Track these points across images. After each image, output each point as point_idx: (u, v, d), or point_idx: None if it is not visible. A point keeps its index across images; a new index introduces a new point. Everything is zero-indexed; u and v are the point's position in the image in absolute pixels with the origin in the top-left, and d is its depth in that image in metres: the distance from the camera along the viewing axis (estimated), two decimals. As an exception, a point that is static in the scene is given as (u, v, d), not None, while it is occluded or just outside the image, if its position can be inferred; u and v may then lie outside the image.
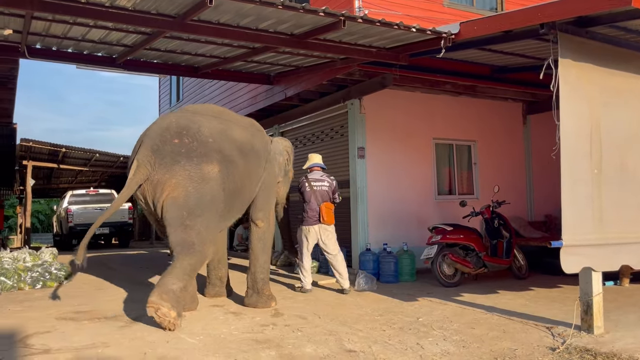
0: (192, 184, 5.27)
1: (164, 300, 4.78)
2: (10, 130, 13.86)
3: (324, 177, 7.26)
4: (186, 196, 5.24)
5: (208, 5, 5.18)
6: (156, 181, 5.29)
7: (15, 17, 6.04)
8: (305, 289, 7.12)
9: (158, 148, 5.32)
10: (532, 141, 10.46)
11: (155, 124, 5.71)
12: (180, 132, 5.43)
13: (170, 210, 5.25)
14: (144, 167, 5.28)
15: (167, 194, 5.27)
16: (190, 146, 5.36)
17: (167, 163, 5.27)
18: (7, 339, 4.64)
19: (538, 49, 6.61)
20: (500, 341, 4.63)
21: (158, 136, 5.42)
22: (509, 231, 7.93)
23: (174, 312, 4.77)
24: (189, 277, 5.23)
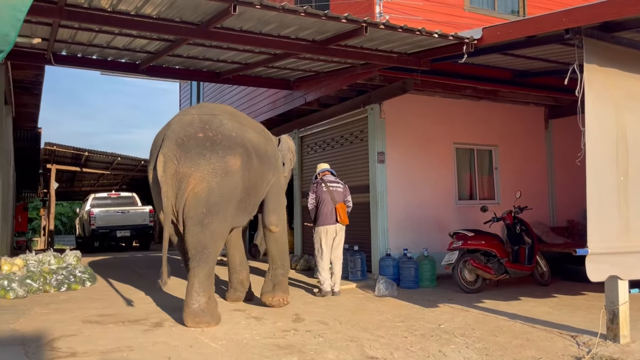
0: (216, 178, 5.39)
1: (198, 323, 5.23)
2: (35, 134, 14.17)
3: (337, 180, 7.53)
4: (209, 191, 5.37)
5: (232, 13, 5.25)
6: (182, 175, 5.35)
7: (42, 26, 6.18)
8: (325, 290, 7.17)
9: (183, 142, 5.38)
10: (554, 146, 10.33)
11: (177, 119, 5.74)
12: (204, 127, 5.52)
13: (192, 205, 5.38)
14: (171, 162, 5.33)
15: (192, 187, 5.36)
16: (214, 139, 5.46)
17: (192, 156, 5.34)
18: (35, 342, 4.73)
19: (561, 54, 6.54)
20: (524, 349, 4.58)
21: (182, 131, 5.47)
22: (531, 237, 7.84)
23: (212, 324, 5.29)
24: (208, 285, 5.40)
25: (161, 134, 5.73)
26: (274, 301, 6.31)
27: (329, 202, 7.24)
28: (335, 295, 7.19)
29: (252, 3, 5.24)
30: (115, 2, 5.38)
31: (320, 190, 7.32)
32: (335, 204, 7.23)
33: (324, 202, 7.25)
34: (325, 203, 7.25)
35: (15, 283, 7.04)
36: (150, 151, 5.89)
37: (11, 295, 6.90)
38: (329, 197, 7.25)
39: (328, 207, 7.23)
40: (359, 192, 9.09)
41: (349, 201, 7.45)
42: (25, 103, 10.70)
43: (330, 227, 7.23)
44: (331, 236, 7.26)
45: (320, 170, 7.61)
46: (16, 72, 8.44)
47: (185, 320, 5.24)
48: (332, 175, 7.57)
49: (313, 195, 7.38)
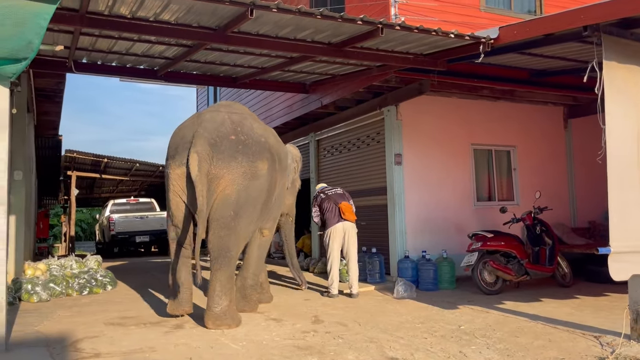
0: (245, 182, 5.44)
1: (219, 325, 5.28)
2: (56, 142, 14.42)
3: (335, 187, 7.73)
4: (238, 194, 5.42)
5: (249, 17, 5.30)
6: (212, 176, 5.36)
7: (64, 34, 6.30)
8: (332, 294, 7.17)
9: (215, 143, 5.39)
10: (574, 145, 10.21)
11: (209, 117, 5.66)
12: (236, 129, 5.56)
13: (221, 207, 5.40)
14: (205, 161, 5.30)
15: (222, 189, 5.38)
16: (246, 143, 5.52)
17: (224, 158, 5.37)
18: (59, 343, 4.82)
19: (579, 52, 6.48)
20: (546, 350, 4.53)
21: (215, 131, 5.47)
22: (551, 238, 7.75)
23: (233, 326, 5.33)
24: (229, 288, 5.42)
25: (189, 128, 5.63)
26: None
27: (331, 205, 7.34)
28: (353, 297, 7.16)
29: (269, 7, 5.29)
30: (135, 9, 5.47)
31: (320, 200, 7.48)
32: (337, 204, 7.31)
33: (326, 208, 7.37)
34: (328, 207, 7.36)
35: (39, 287, 7.18)
36: (171, 145, 5.77)
37: (35, 298, 7.03)
38: (329, 202, 7.36)
39: (331, 210, 7.33)
40: (376, 194, 9.08)
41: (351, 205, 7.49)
42: (47, 111, 10.89)
43: (337, 226, 7.25)
44: (339, 235, 7.26)
45: (319, 189, 7.78)
46: (38, 80, 8.59)
47: (206, 322, 5.28)
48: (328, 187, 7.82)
49: (316, 208, 7.56)
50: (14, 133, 5.20)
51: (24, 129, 8.22)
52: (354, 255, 7.33)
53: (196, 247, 5.48)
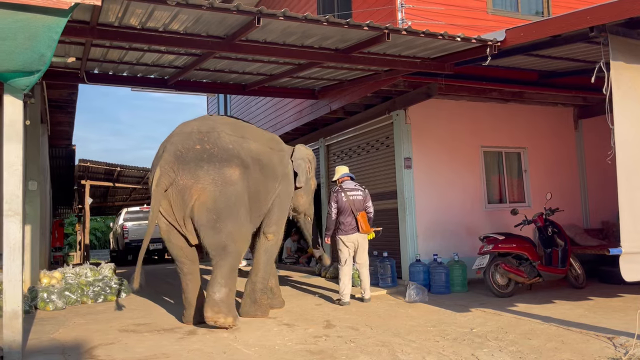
0: (218, 188, 5.53)
1: (216, 312, 5.31)
2: (70, 151, 14.61)
3: (357, 187, 7.29)
4: (214, 200, 5.51)
5: (256, 26, 5.37)
6: (182, 186, 5.51)
7: (75, 45, 6.42)
8: (343, 301, 7.03)
9: (181, 154, 5.56)
10: (585, 146, 10.15)
11: (178, 131, 5.90)
12: (202, 139, 5.69)
13: (201, 214, 5.52)
14: (166, 175, 5.49)
15: (196, 197, 5.51)
16: (211, 151, 5.62)
17: (190, 168, 5.51)
18: (75, 350, 4.89)
19: (587, 52, 6.46)
20: (559, 352, 4.51)
21: (180, 143, 5.65)
22: (563, 239, 7.70)
23: (230, 319, 5.38)
24: (230, 279, 5.54)
25: (162, 145, 5.89)
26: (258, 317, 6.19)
27: (350, 213, 7.08)
28: (365, 302, 7.14)
29: (276, 15, 5.35)
30: (144, 20, 5.56)
31: (340, 201, 7.13)
32: (357, 214, 7.07)
33: (344, 211, 7.10)
34: (345, 213, 7.09)
35: (54, 295, 7.28)
36: (152, 163, 6.04)
37: (51, 307, 7.13)
38: (349, 207, 7.08)
39: (348, 217, 7.09)
40: (386, 199, 9.09)
41: (370, 207, 7.23)
42: (60, 121, 11.06)
43: (351, 236, 7.10)
44: (352, 244, 7.13)
45: (340, 176, 7.45)
46: (51, 91, 8.75)
47: (205, 311, 5.35)
48: (351, 181, 7.37)
49: (334, 204, 7.17)
50: (28, 144, 5.31)
51: (38, 139, 8.36)
52: (366, 261, 7.24)
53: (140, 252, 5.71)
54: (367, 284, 7.23)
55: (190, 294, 5.96)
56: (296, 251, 12.92)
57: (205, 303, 5.40)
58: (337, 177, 7.51)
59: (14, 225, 4.56)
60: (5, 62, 4.28)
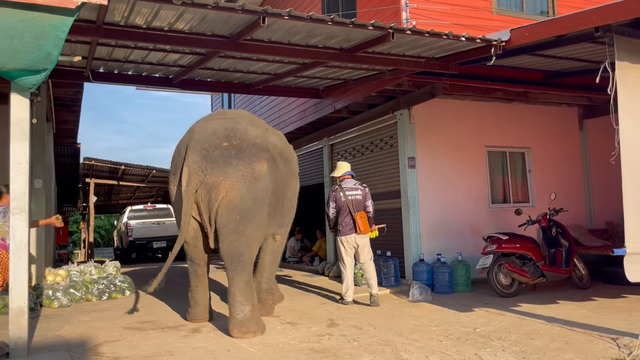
0: (246, 184, 5.41)
1: (244, 332, 5.20)
2: (75, 150, 14.68)
3: (357, 186, 7.14)
4: (241, 198, 5.38)
5: (261, 25, 5.38)
6: (210, 184, 5.36)
7: (81, 44, 6.45)
8: (346, 301, 6.95)
9: (207, 153, 5.41)
10: (589, 146, 10.13)
11: (200, 129, 5.71)
12: (228, 135, 5.56)
13: (225, 213, 5.38)
14: (196, 174, 5.34)
15: (223, 196, 5.38)
16: (239, 147, 5.50)
17: (219, 166, 5.37)
18: (80, 347, 4.92)
19: (593, 52, 6.45)
20: (563, 352, 4.51)
21: (206, 141, 5.48)
22: (567, 239, 7.70)
23: (259, 334, 5.26)
24: (249, 293, 5.36)
25: (183, 143, 5.72)
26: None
27: (348, 213, 6.97)
28: (373, 299, 6.88)
29: (281, 14, 5.37)
30: (150, 19, 5.59)
31: (339, 200, 7.02)
32: (354, 214, 6.94)
33: (342, 211, 7.00)
34: (344, 212, 6.99)
35: (59, 292, 7.32)
36: (172, 161, 5.91)
37: (56, 304, 7.16)
38: (347, 207, 6.97)
39: (347, 217, 6.98)
40: (390, 198, 9.10)
41: (369, 206, 7.07)
42: (65, 120, 11.11)
43: (349, 237, 6.98)
44: (351, 245, 7.01)
45: (342, 174, 7.30)
46: (56, 90, 8.79)
47: (231, 331, 5.19)
48: (352, 180, 7.23)
49: (333, 203, 7.08)
50: (34, 142, 5.33)
51: (43, 137, 8.41)
52: (369, 260, 7.07)
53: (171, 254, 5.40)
54: (374, 282, 7.00)
55: (199, 294, 5.90)
56: (299, 250, 12.94)
57: (230, 324, 5.24)
58: (338, 174, 7.36)
59: (20, 223, 4.60)
60: (12, 61, 4.31)
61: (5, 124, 4.84)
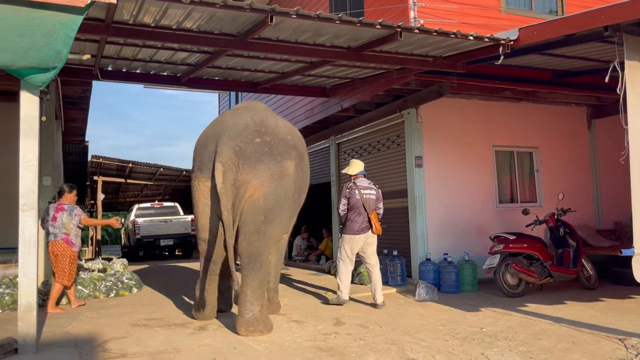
0: (273, 183, 5.34)
1: (251, 331, 5.17)
2: (83, 147, 14.77)
3: (371, 186, 7.04)
4: (266, 197, 5.32)
5: (269, 24, 5.39)
6: (240, 182, 5.26)
7: (90, 43, 6.49)
8: (342, 299, 6.81)
9: (240, 149, 5.28)
10: (598, 146, 10.07)
11: (232, 123, 5.52)
12: (260, 130, 5.44)
13: (250, 212, 5.31)
14: (231, 171, 5.21)
15: (250, 194, 5.29)
16: (272, 143, 5.41)
17: (251, 163, 5.26)
18: (87, 344, 4.96)
19: (602, 52, 6.41)
20: (570, 353, 4.50)
21: (238, 136, 5.34)
22: (575, 240, 7.66)
23: (266, 333, 5.22)
24: (261, 293, 5.36)
25: (211, 138, 5.55)
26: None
27: (363, 211, 6.82)
28: (378, 307, 6.66)
29: (288, 13, 5.37)
30: (158, 18, 5.61)
31: (354, 198, 6.85)
32: (370, 213, 6.83)
33: (357, 209, 6.82)
34: (358, 211, 6.82)
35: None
36: (197, 156, 5.69)
37: (64, 300, 7.21)
38: (362, 206, 6.82)
39: (361, 215, 6.81)
40: (396, 197, 9.09)
41: (380, 207, 7.03)
42: (74, 118, 11.17)
43: (360, 236, 6.82)
44: (357, 246, 6.84)
45: (357, 172, 7.12)
46: (65, 88, 8.83)
47: (238, 329, 5.19)
48: (365, 179, 7.11)
49: (345, 200, 6.91)
50: (43, 140, 5.36)
51: (52, 135, 8.45)
52: (376, 263, 6.93)
53: (229, 257, 5.27)
54: (379, 287, 6.84)
55: (210, 294, 5.82)
56: (306, 249, 12.96)
57: (238, 322, 5.21)
58: (353, 172, 7.13)
59: (29, 220, 4.63)
60: (22, 59, 4.35)
61: (15, 121, 4.87)
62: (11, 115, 6.02)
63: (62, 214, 6.74)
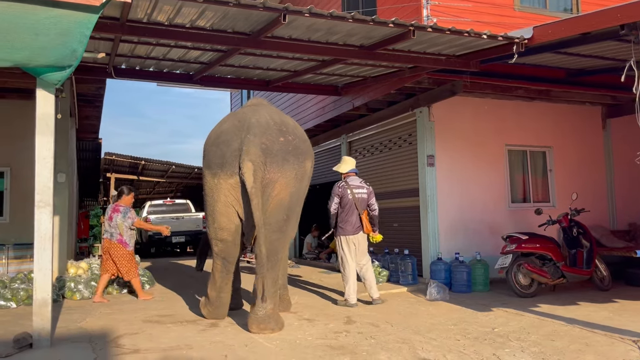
0: (297, 183, 5.41)
1: (262, 329, 5.17)
2: (96, 145, 14.89)
3: (362, 184, 6.88)
4: (290, 197, 5.38)
5: (282, 22, 5.40)
6: (267, 181, 5.25)
7: (104, 41, 6.54)
8: (350, 303, 6.63)
9: (267, 147, 5.25)
10: (613, 146, 9.96)
11: (253, 122, 5.42)
12: (281, 130, 5.44)
13: (275, 212, 5.33)
14: (259, 169, 5.17)
15: (276, 193, 5.30)
16: (294, 143, 5.46)
17: (278, 162, 5.27)
18: (101, 339, 5.01)
19: (618, 50, 6.34)
20: (583, 354, 4.46)
21: (263, 135, 5.29)
22: (589, 240, 7.58)
23: (277, 330, 5.22)
24: (274, 290, 5.39)
25: (233, 134, 5.43)
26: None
27: (354, 211, 6.70)
28: (375, 303, 6.69)
29: (301, 11, 5.38)
30: (172, 16, 5.64)
31: (346, 197, 6.71)
32: (361, 212, 6.72)
33: (349, 209, 6.70)
34: (350, 211, 6.70)
35: (81, 285, 7.45)
36: (214, 152, 5.52)
37: (78, 296, 7.30)
38: (354, 206, 6.70)
39: (353, 215, 6.70)
40: (408, 196, 9.07)
41: (373, 204, 6.82)
42: (88, 115, 11.26)
43: (352, 237, 6.72)
44: (353, 245, 6.74)
45: (349, 170, 6.97)
46: (79, 85, 8.91)
47: (250, 326, 5.19)
48: (356, 178, 6.95)
49: (337, 199, 6.74)
50: (57, 137, 5.41)
51: (67, 132, 8.55)
52: (367, 263, 6.84)
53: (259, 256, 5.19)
54: (373, 284, 6.81)
55: (226, 294, 5.78)
56: (316, 247, 12.97)
57: (250, 319, 5.22)
58: (344, 170, 7.00)
59: (45, 216, 4.69)
60: (39, 57, 4.40)
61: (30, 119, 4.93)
62: (27, 113, 6.10)
63: (117, 215, 7.23)
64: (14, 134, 8.51)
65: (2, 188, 8.57)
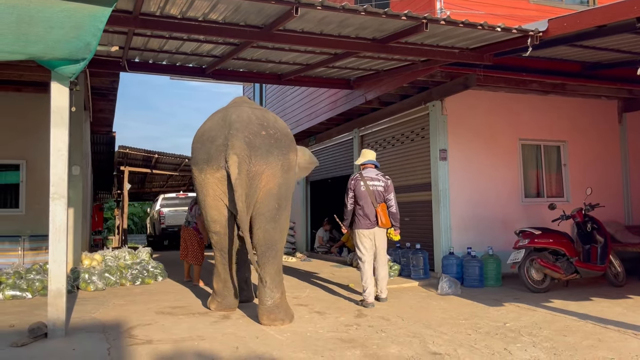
0: (283, 174, 5.52)
1: (273, 320, 5.27)
2: (110, 138, 15.00)
3: (379, 177, 6.55)
4: (279, 187, 5.49)
5: (294, 15, 5.39)
6: (253, 173, 5.36)
7: (118, 34, 6.58)
8: (367, 302, 6.28)
9: (250, 141, 5.39)
10: (629, 140, 9.82)
11: (236, 116, 5.53)
12: (262, 124, 5.58)
13: (266, 201, 5.44)
14: (244, 162, 5.30)
15: (264, 184, 5.42)
16: (276, 137, 5.57)
17: (262, 154, 5.38)
18: (114, 330, 5.08)
19: (635, 43, 6.25)
20: (596, 350, 4.43)
21: (245, 129, 5.42)
22: (603, 236, 7.50)
23: (287, 322, 5.32)
24: (279, 280, 5.48)
25: (217, 130, 5.54)
26: None
27: (369, 204, 6.39)
28: (381, 301, 6.50)
29: (313, 4, 5.36)
30: (185, 9, 5.66)
31: (358, 189, 6.45)
32: (376, 206, 6.40)
33: (363, 202, 6.40)
34: (364, 204, 6.40)
35: (95, 276, 7.54)
36: (200, 149, 5.62)
37: (92, 287, 7.39)
38: (369, 198, 6.40)
39: (367, 208, 6.39)
40: (420, 190, 9.04)
41: (391, 200, 6.48)
42: (102, 109, 11.35)
43: (369, 231, 6.42)
44: (368, 241, 6.44)
45: (364, 162, 6.73)
46: (93, 79, 8.97)
47: (260, 317, 5.27)
48: (374, 169, 6.65)
49: (351, 193, 6.49)
50: (72, 130, 5.47)
51: (81, 126, 8.63)
52: (384, 261, 6.59)
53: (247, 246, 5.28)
54: (384, 284, 6.58)
55: (231, 283, 5.85)
56: (328, 241, 12.99)
57: (260, 310, 5.30)
58: (360, 162, 6.79)
59: (59, 208, 4.75)
60: (53, 50, 4.44)
61: (45, 112, 4.99)
62: (42, 106, 6.16)
63: (197, 206, 7.91)
64: (29, 127, 8.61)
65: (18, 180, 8.68)
